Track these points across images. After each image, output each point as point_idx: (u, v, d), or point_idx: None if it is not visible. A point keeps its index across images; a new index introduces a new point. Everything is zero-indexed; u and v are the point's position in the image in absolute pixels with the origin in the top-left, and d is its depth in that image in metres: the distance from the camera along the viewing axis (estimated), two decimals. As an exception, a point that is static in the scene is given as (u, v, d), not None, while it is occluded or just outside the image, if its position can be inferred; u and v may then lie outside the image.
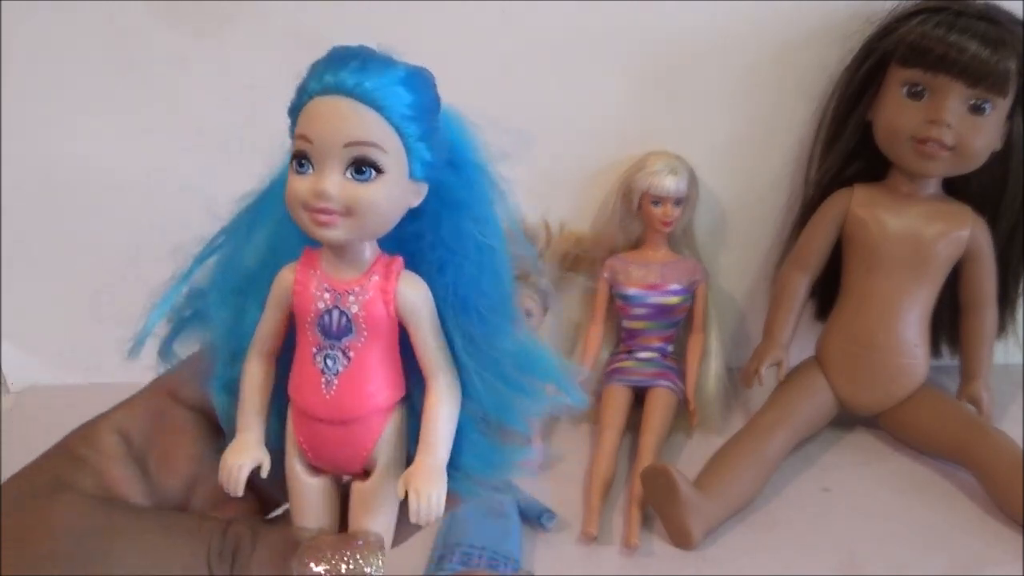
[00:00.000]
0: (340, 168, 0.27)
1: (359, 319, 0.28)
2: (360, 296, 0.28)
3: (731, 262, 0.85)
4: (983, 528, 0.68)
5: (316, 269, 0.29)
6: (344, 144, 0.27)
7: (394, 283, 0.29)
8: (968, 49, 0.68)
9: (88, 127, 0.78)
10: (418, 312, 0.29)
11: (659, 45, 0.77)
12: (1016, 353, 0.83)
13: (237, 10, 0.74)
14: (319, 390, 0.29)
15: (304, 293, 0.29)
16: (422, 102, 0.28)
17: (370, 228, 0.28)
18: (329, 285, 0.28)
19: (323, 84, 0.27)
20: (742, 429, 0.74)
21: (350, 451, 0.29)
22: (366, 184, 0.27)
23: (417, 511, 0.27)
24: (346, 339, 0.28)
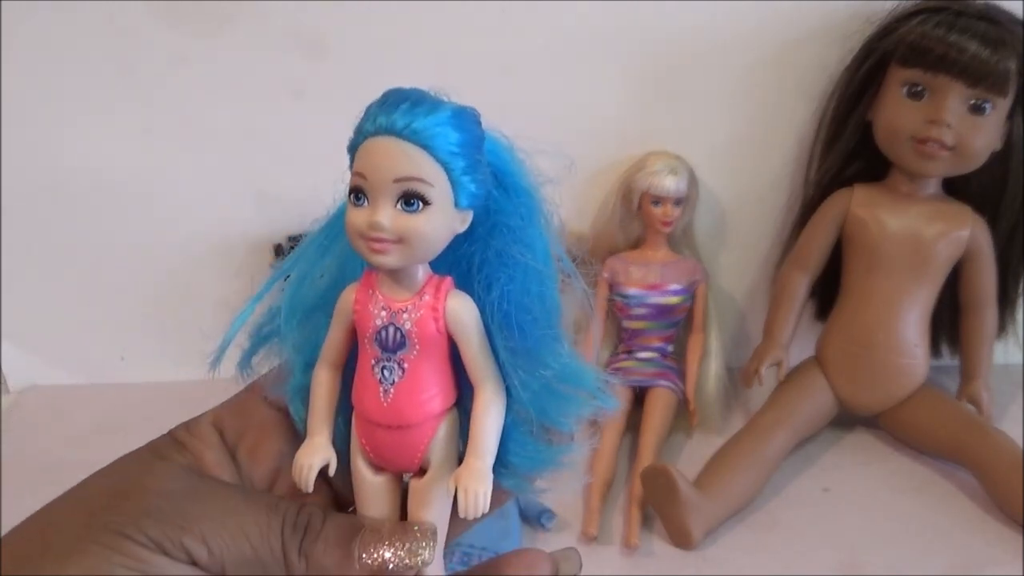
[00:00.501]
0: (391, 201, 0.30)
1: (412, 334, 0.31)
2: (412, 314, 0.31)
3: (731, 262, 0.85)
4: (983, 528, 0.68)
5: (374, 290, 0.32)
6: (394, 180, 0.30)
7: (443, 301, 0.32)
8: (968, 49, 0.68)
9: (88, 127, 0.78)
10: (465, 327, 0.32)
11: (659, 45, 0.77)
12: (1016, 353, 0.83)
13: (237, 10, 0.74)
14: (377, 398, 0.32)
15: (364, 311, 0.32)
16: (467, 139, 0.31)
17: (419, 254, 0.31)
18: (385, 304, 0.32)
19: (376, 125, 0.30)
20: (742, 429, 0.74)
21: (406, 452, 0.32)
22: (414, 215, 0.30)
23: (465, 507, 0.30)
24: (400, 352, 0.32)
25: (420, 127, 0.30)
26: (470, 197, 0.31)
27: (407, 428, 0.32)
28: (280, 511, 0.31)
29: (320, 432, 0.33)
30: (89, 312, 0.85)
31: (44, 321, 0.86)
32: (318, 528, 0.31)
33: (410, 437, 0.32)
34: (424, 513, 0.33)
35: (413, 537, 0.32)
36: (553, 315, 0.33)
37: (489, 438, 0.32)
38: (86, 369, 0.88)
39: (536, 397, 0.32)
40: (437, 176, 0.30)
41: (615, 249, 0.81)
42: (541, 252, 0.34)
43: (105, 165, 0.79)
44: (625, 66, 0.78)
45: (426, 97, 0.30)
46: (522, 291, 0.32)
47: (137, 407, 0.78)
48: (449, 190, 0.30)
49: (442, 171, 0.30)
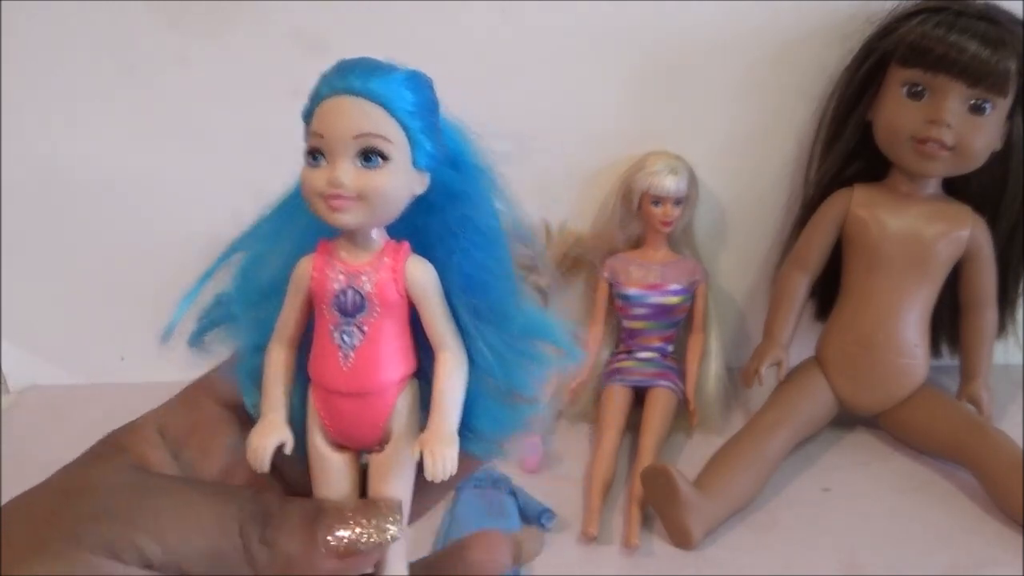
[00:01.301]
0: (350, 159, 0.30)
1: (371, 296, 0.31)
2: (371, 276, 0.31)
3: (731, 262, 0.85)
4: (983, 528, 0.68)
5: (331, 255, 0.32)
6: (353, 136, 0.30)
7: (402, 263, 0.32)
8: (968, 49, 0.68)
9: (88, 127, 0.78)
10: (425, 289, 0.32)
11: (659, 45, 0.77)
12: (1016, 353, 0.83)
13: (237, 10, 0.74)
14: (337, 364, 0.31)
15: (321, 277, 0.31)
16: (422, 101, 0.31)
17: (379, 212, 0.31)
18: (343, 268, 0.31)
19: (332, 87, 0.30)
20: (742, 429, 0.74)
21: (367, 423, 0.32)
22: (374, 172, 0.30)
23: (432, 469, 0.30)
24: (360, 315, 0.31)
25: (377, 86, 0.30)
26: (428, 158, 0.31)
27: (368, 395, 0.32)
28: (236, 500, 0.30)
29: (274, 410, 0.32)
30: (89, 312, 0.85)
31: (44, 321, 0.86)
32: (278, 516, 0.30)
33: (371, 405, 0.32)
34: (387, 488, 0.32)
35: (378, 513, 0.31)
36: (510, 272, 0.33)
37: (452, 401, 0.32)
38: (86, 369, 0.88)
39: (502, 358, 0.32)
40: (396, 134, 0.30)
41: (615, 249, 0.81)
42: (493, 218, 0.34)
43: (105, 165, 0.79)
44: (625, 66, 0.78)
45: (379, 62, 0.31)
46: (480, 254, 0.33)
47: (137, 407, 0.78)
48: (408, 149, 0.31)
49: (400, 129, 0.30)
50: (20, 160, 0.79)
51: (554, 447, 0.78)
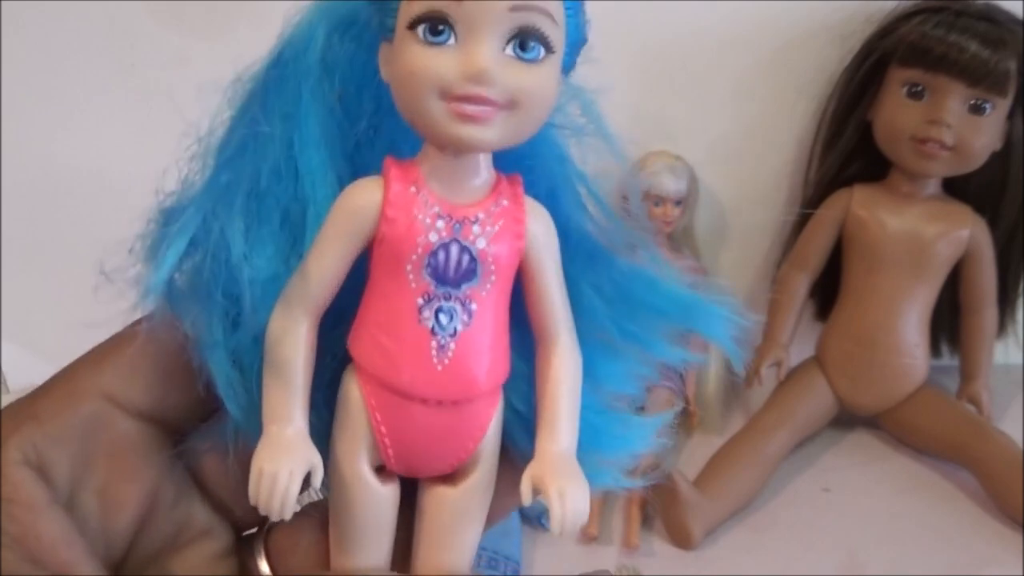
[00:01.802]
0: (500, 41, 0.20)
1: (487, 257, 0.21)
2: (488, 226, 0.21)
3: (731, 262, 0.85)
4: (983, 528, 0.68)
5: (420, 187, 0.21)
6: (512, 7, 0.20)
7: (523, 207, 0.22)
8: (968, 49, 0.68)
9: (88, 127, 0.78)
10: (549, 249, 0.22)
11: (659, 45, 0.77)
12: (1016, 353, 0.83)
13: (237, 10, 0.74)
14: (428, 357, 0.21)
15: (405, 221, 0.20)
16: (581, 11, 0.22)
17: (528, 128, 0.21)
18: (443, 209, 0.21)
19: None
20: (742, 429, 0.74)
21: (455, 444, 0.22)
22: (533, 66, 0.20)
23: (562, 519, 0.22)
24: (467, 286, 0.21)
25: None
26: (572, 51, 0.23)
27: (467, 403, 0.22)
28: None
29: (292, 419, 0.21)
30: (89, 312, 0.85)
31: (44, 321, 0.86)
32: None
33: (468, 417, 0.22)
34: (460, 539, 0.23)
35: None
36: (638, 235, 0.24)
37: (571, 410, 0.22)
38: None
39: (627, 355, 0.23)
40: (560, 13, 0.21)
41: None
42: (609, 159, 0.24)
43: (105, 165, 0.79)
44: (625, 66, 0.78)
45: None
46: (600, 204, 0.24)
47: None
48: (564, 36, 0.22)
49: (563, 8, 0.21)
50: (20, 160, 0.78)
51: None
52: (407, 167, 0.21)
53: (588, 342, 0.23)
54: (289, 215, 0.21)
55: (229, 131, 0.25)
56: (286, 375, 0.21)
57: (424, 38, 0.19)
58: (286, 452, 0.21)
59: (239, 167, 0.23)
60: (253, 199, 0.22)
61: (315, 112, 0.22)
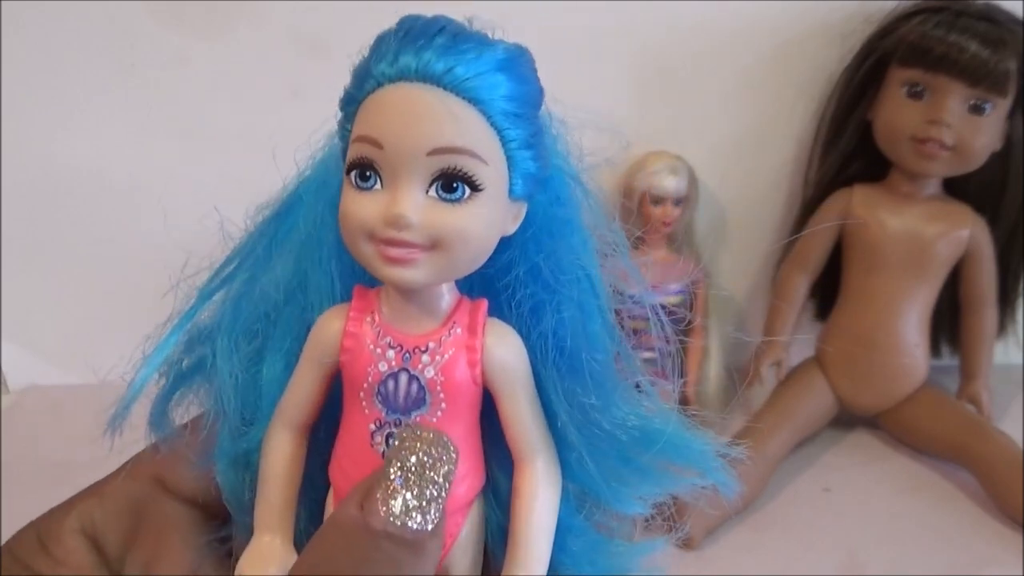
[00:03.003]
0: (422, 184, 0.20)
1: (435, 386, 0.21)
2: (438, 356, 0.21)
3: (731, 262, 0.85)
4: (983, 528, 0.68)
5: (375, 317, 0.22)
6: (429, 151, 0.20)
7: (482, 335, 0.22)
8: (968, 49, 0.68)
9: (88, 127, 0.78)
10: (513, 374, 0.22)
11: (659, 45, 0.77)
12: (1016, 353, 0.83)
13: (237, 10, 0.74)
14: None
15: (358, 349, 0.21)
16: (527, 94, 0.22)
17: (460, 266, 0.21)
18: (394, 340, 0.21)
19: (399, 67, 0.20)
20: (742, 429, 0.74)
21: None
22: (457, 207, 0.20)
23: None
24: (416, 413, 0.21)
25: (467, 72, 0.20)
26: (528, 181, 0.21)
27: None
28: None
29: (275, 528, 0.22)
30: (89, 312, 0.85)
31: (44, 321, 0.86)
32: None
33: None
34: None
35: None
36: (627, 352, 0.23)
37: (543, 536, 0.22)
38: (86, 369, 0.88)
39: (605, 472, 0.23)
40: (492, 149, 0.20)
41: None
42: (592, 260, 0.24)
43: (105, 165, 0.79)
44: (625, 66, 0.78)
45: (464, 29, 0.21)
46: (582, 317, 0.24)
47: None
48: (506, 171, 0.21)
49: (497, 141, 0.21)
50: (20, 160, 0.79)
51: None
52: (370, 297, 0.22)
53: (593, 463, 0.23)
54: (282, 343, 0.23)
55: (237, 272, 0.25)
56: (268, 485, 0.22)
57: (356, 183, 0.20)
58: (265, 559, 0.22)
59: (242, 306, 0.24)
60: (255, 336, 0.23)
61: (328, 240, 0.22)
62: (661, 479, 0.24)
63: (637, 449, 0.23)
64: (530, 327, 0.22)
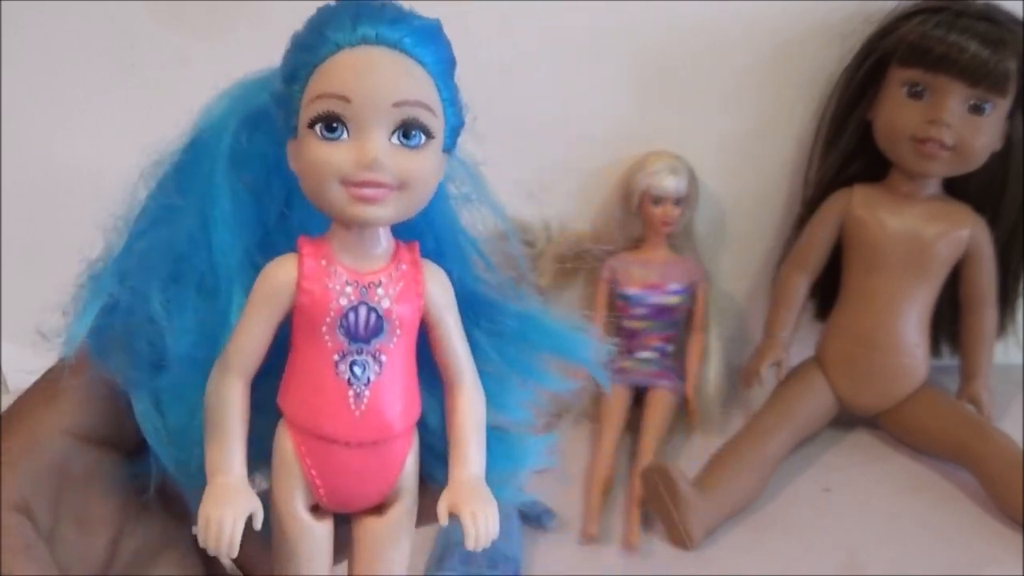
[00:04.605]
0: (386, 132, 0.23)
1: (391, 316, 0.24)
2: (390, 288, 0.24)
3: (731, 262, 0.85)
4: (983, 528, 0.68)
5: (329, 260, 0.24)
6: (393, 103, 0.23)
7: (421, 270, 0.25)
8: (968, 49, 0.68)
9: (88, 127, 0.78)
10: (447, 304, 0.26)
11: (659, 45, 0.77)
12: (1016, 353, 0.83)
13: (237, 10, 0.74)
14: (346, 406, 0.24)
15: (319, 291, 0.24)
16: (451, 58, 0.25)
17: (416, 205, 0.24)
18: (350, 277, 0.24)
19: (359, 35, 0.23)
20: (742, 429, 0.74)
21: (377, 479, 0.25)
22: (416, 152, 0.23)
23: (476, 536, 0.24)
24: (376, 340, 0.24)
25: (415, 39, 0.23)
26: (452, 135, 0.25)
27: (384, 443, 0.25)
28: None
29: (232, 469, 0.24)
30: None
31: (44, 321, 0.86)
32: None
33: (385, 456, 0.25)
34: (388, 563, 0.26)
35: None
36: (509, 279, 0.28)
37: (478, 440, 0.26)
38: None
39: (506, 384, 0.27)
40: (437, 103, 0.24)
41: (615, 249, 0.81)
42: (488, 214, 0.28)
43: (105, 165, 0.78)
44: (625, 66, 0.78)
45: (399, 6, 0.24)
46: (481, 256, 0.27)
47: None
48: (443, 123, 0.24)
49: (439, 98, 0.24)
50: (20, 160, 0.79)
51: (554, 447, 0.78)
52: (318, 243, 0.24)
53: (484, 377, 0.26)
54: (204, 284, 0.24)
55: (146, 206, 0.28)
56: (225, 431, 0.24)
57: (322, 135, 0.23)
58: (229, 500, 0.23)
59: (155, 237, 0.26)
60: (168, 264, 0.25)
61: (227, 194, 0.25)
62: (542, 378, 0.27)
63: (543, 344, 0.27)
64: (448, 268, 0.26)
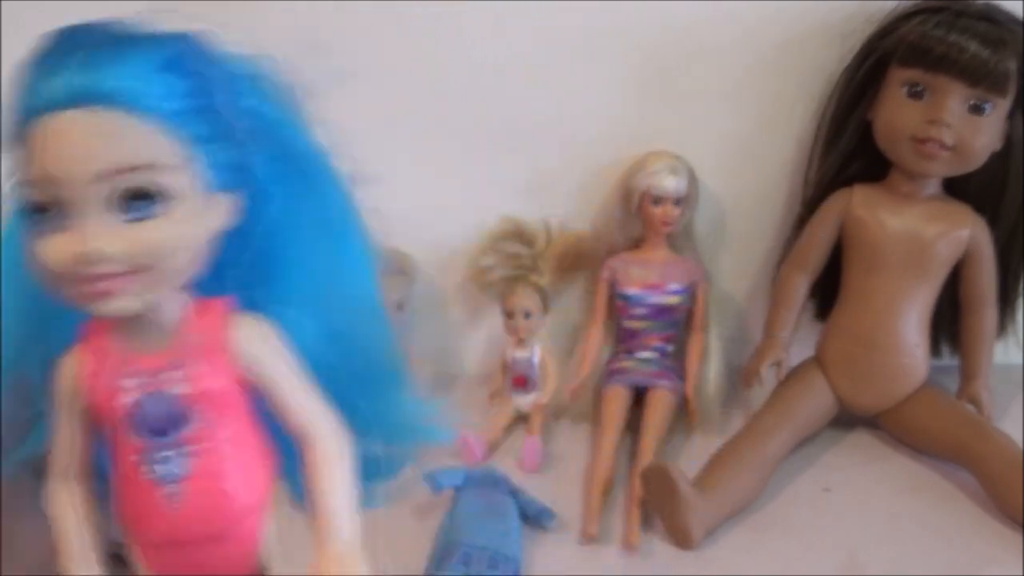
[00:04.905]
0: (106, 210, 0.19)
1: (191, 400, 0.21)
2: (182, 369, 0.21)
3: (731, 262, 0.85)
4: (983, 528, 0.68)
5: (107, 350, 0.21)
6: (96, 178, 0.18)
7: (225, 333, 0.21)
8: (968, 49, 0.68)
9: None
10: (268, 359, 0.22)
11: (659, 45, 0.77)
12: (1016, 353, 0.83)
13: (237, 10, 0.74)
14: (159, 508, 0.21)
15: (100, 387, 0.21)
16: (199, 83, 0.20)
17: (170, 279, 0.20)
18: (133, 367, 0.21)
19: (48, 95, 0.18)
20: (742, 429, 0.74)
21: (231, 566, 0.23)
22: (149, 223, 0.19)
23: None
24: (179, 431, 0.21)
25: (118, 82, 0.18)
26: (227, 171, 0.20)
27: (222, 535, 0.22)
28: None
29: (82, 566, 0.23)
30: (89, 312, 0.85)
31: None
32: None
33: (229, 545, 0.22)
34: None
35: None
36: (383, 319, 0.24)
37: (343, 502, 0.22)
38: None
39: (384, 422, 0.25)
40: (167, 151, 0.19)
41: (615, 249, 0.81)
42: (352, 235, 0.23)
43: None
44: (625, 66, 0.78)
45: (113, 32, 0.19)
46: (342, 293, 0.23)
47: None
48: (192, 167, 0.20)
49: (173, 141, 0.19)
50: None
51: (554, 447, 0.78)
52: (98, 330, 0.21)
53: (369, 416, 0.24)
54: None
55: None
56: (66, 539, 0.22)
57: (39, 227, 0.19)
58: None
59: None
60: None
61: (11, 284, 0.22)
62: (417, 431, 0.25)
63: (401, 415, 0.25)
64: (285, 312, 0.22)
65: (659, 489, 0.67)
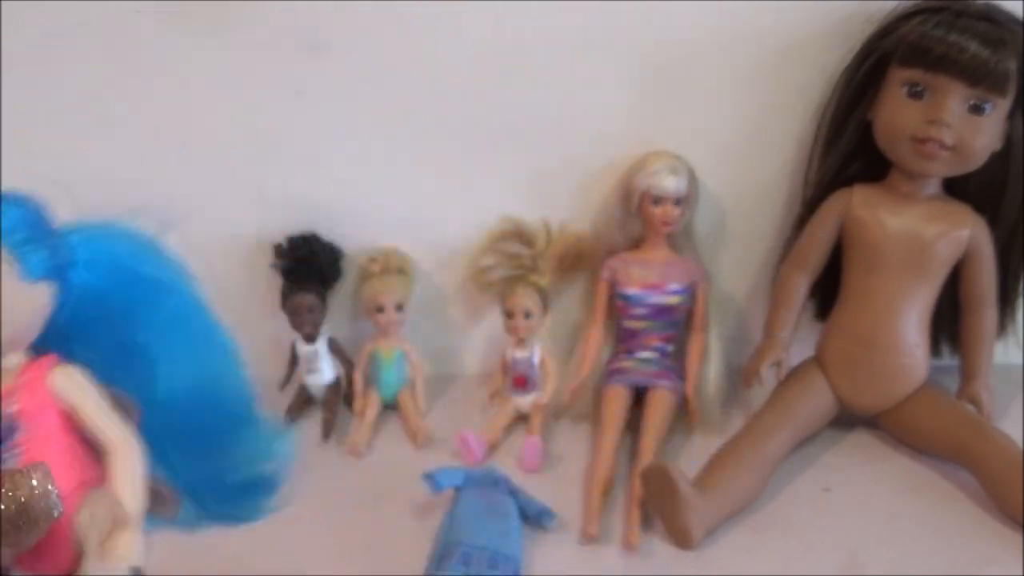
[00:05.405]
0: None
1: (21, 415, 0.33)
2: (16, 397, 0.33)
3: (731, 262, 0.85)
4: (983, 528, 0.68)
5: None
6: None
7: (44, 376, 0.34)
8: (968, 49, 0.68)
9: (88, 128, 0.78)
10: (72, 394, 0.34)
11: (659, 46, 0.77)
12: (1016, 353, 0.83)
13: (238, 10, 0.74)
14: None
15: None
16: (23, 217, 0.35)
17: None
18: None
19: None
20: (742, 429, 0.74)
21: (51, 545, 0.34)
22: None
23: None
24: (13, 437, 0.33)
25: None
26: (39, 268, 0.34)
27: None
28: None
29: None
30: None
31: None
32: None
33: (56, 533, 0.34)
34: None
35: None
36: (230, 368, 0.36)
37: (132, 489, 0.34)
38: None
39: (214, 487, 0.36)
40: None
41: (615, 249, 0.81)
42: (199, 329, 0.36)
43: (105, 165, 0.79)
44: (625, 67, 0.78)
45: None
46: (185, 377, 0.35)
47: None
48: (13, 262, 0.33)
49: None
50: (20, 160, 0.78)
51: (554, 447, 0.78)
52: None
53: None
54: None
55: None
56: None
57: None
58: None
59: None
60: None
61: None
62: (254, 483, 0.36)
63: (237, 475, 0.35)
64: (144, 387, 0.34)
65: (659, 489, 0.67)
